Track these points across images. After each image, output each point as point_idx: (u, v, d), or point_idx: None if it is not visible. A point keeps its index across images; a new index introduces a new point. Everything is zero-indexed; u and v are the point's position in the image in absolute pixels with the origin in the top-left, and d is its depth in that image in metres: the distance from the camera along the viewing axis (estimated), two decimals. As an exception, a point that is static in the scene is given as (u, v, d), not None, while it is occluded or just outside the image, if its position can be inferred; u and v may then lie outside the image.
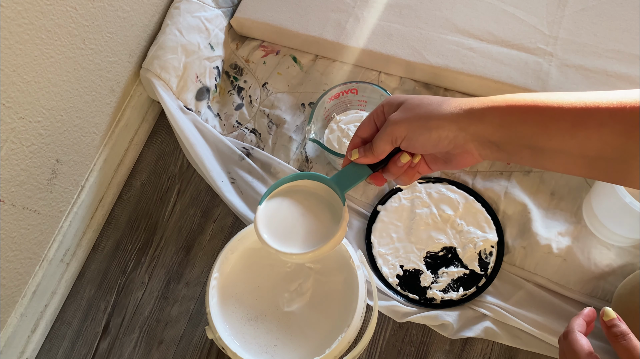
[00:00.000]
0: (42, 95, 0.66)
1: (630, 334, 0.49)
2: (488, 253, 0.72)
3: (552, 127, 0.43)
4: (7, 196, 0.64)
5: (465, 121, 0.45)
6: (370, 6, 0.84)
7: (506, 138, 0.45)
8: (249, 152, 0.81)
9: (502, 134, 0.45)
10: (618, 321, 0.50)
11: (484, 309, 0.69)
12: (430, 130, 0.46)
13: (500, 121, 0.44)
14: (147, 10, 0.81)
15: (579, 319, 0.54)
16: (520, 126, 0.44)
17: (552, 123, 0.43)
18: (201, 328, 0.75)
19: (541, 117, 0.43)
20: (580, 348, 0.50)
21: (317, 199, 0.55)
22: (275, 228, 0.54)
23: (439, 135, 0.46)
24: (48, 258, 0.75)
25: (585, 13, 0.80)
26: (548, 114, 0.43)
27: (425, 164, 0.52)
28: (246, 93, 0.86)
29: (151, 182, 0.84)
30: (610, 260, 0.70)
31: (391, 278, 0.72)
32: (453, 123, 0.46)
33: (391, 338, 0.72)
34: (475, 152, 0.47)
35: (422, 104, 0.47)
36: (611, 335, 0.50)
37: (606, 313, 0.51)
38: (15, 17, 0.58)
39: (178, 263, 0.79)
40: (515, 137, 0.44)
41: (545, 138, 0.43)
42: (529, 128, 0.43)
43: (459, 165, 0.49)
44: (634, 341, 0.48)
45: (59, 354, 0.76)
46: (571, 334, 0.52)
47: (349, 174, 0.53)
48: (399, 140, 0.48)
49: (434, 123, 0.46)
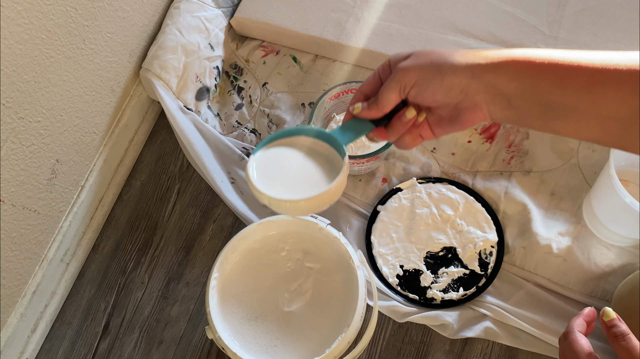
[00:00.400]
0: (42, 95, 0.66)
1: (630, 335, 0.49)
2: (488, 253, 0.72)
3: (569, 81, 0.42)
4: (7, 196, 0.64)
5: (479, 69, 0.44)
6: (370, 6, 0.84)
7: (519, 91, 0.43)
8: (249, 152, 0.81)
9: (516, 86, 0.43)
10: (618, 321, 0.50)
11: (484, 310, 0.69)
12: (442, 76, 0.44)
13: (515, 72, 0.43)
14: (147, 10, 0.81)
15: (578, 320, 0.54)
16: (535, 79, 0.43)
17: (568, 78, 0.42)
18: (201, 328, 0.75)
19: (558, 70, 0.42)
20: (580, 348, 0.50)
21: (316, 155, 0.51)
22: (270, 175, 0.49)
23: (451, 82, 0.44)
24: (48, 258, 0.75)
25: (585, 13, 0.80)
26: (565, 69, 0.42)
27: (429, 128, 0.49)
28: (246, 93, 0.86)
29: (151, 182, 0.84)
30: (610, 260, 0.70)
31: (391, 278, 0.72)
32: (467, 70, 0.44)
33: (391, 338, 0.72)
34: (484, 107, 0.45)
35: (434, 52, 0.46)
36: (611, 335, 0.50)
37: (606, 313, 0.51)
38: (15, 17, 0.58)
39: (178, 263, 0.79)
40: (529, 91, 0.43)
41: (560, 92, 0.42)
42: (545, 82, 0.42)
43: (465, 123, 0.47)
44: (633, 342, 0.48)
45: (59, 354, 0.76)
46: (571, 335, 0.52)
47: (350, 128, 0.49)
48: (408, 87, 0.46)
49: (447, 68, 0.44)
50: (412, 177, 0.77)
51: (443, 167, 0.78)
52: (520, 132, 0.78)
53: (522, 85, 0.43)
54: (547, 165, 0.76)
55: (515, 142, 0.78)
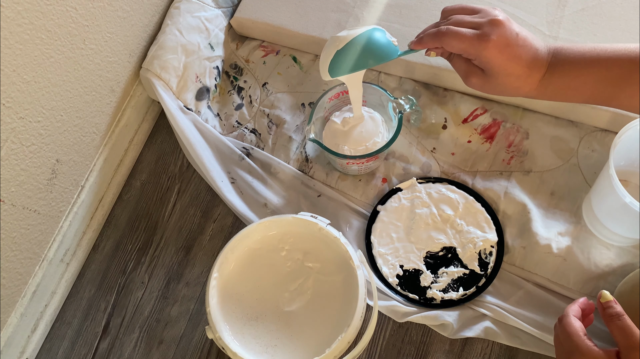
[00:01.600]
0: (42, 95, 0.66)
1: (624, 315, 0.49)
2: (488, 253, 0.72)
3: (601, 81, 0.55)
4: (7, 196, 0.64)
5: (533, 78, 0.57)
6: (370, 6, 0.84)
7: (562, 91, 0.58)
8: (249, 152, 0.81)
9: (558, 87, 0.57)
10: (614, 303, 0.51)
11: (484, 309, 0.69)
12: (501, 85, 0.58)
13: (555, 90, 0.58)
14: (147, 10, 0.81)
15: (574, 306, 0.55)
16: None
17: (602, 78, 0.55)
18: (201, 328, 0.75)
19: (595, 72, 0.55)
20: (574, 330, 0.51)
21: None
22: None
23: (509, 85, 0.59)
24: (48, 258, 0.75)
25: (585, 13, 0.80)
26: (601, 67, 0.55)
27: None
28: (246, 93, 0.86)
29: (151, 182, 0.85)
30: (610, 259, 0.70)
31: (391, 278, 0.72)
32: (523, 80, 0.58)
33: (391, 338, 0.72)
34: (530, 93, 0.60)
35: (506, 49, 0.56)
36: (607, 316, 0.50)
37: (603, 295, 0.51)
38: (15, 17, 0.58)
39: (178, 263, 0.79)
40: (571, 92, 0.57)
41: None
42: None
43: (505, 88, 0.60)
44: (628, 321, 0.49)
45: (59, 354, 0.76)
46: (565, 318, 0.52)
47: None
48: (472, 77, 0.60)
49: (504, 78, 0.57)
50: (412, 176, 0.77)
51: (443, 167, 0.78)
52: (520, 131, 0.78)
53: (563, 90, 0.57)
54: (547, 165, 0.76)
55: (515, 142, 0.78)
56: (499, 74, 0.56)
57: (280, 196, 0.78)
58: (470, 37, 0.56)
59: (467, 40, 0.56)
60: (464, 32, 0.56)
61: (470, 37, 0.56)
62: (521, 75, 0.56)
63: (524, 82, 0.57)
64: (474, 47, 0.56)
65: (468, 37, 0.56)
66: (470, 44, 0.56)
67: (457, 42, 0.56)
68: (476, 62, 0.58)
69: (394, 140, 0.71)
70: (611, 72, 0.54)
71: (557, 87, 0.57)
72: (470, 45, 0.56)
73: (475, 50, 0.56)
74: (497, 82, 0.57)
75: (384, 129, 0.76)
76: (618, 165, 0.68)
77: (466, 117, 0.79)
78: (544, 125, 0.78)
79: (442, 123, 0.80)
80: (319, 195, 0.78)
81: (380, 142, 0.75)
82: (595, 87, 0.55)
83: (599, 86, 0.55)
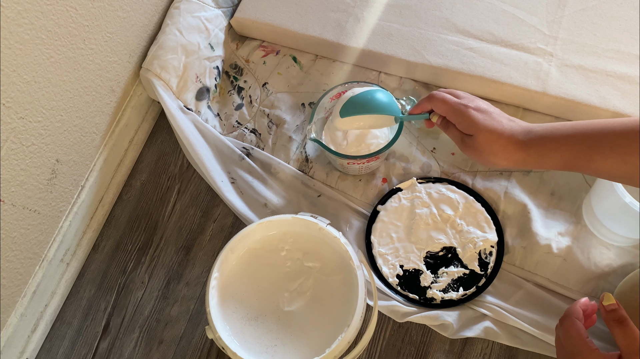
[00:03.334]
0: (42, 95, 0.66)
1: (628, 320, 0.49)
2: (488, 253, 0.72)
3: (578, 156, 0.58)
4: (7, 196, 0.64)
5: (512, 152, 0.62)
6: (370, 6, 0.84)
7: (542, 166, 0.61)
8: (249, 152, 0.81)
9: (537, 163, 0.61)
10: (617, 306, 0.50)
11: (484, 309, 0.69)
12: (489, 164, 0.64)
13: (538, 158, 0.61)
14: (147, 10, 0.81)
15: (575, 307, 0.55)
16: (549, 159, 0.60)
17: (578, 153, 0.58)
18: (201, 328, 0.75)
19: (571, 148, 0.58)
20: (576, 332, 0.51)
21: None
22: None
23: (493, 167, 0.70)
24: (48, 258, 0.75)
25: (585, 13, 0.80)
26: (577, 144, 0.58)
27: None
28: (246, 93, 0.86)
29: (151, 182, 0.85)
30: (610, 259, 0.70)
31: (391, 278, 0.72)
32: (508, 162, 0.63)
33: (391, 338, 0.72)
34: (510, 165, 0.63)
35: (490, 148, 0.63)
36: (609, 319, 0.50)
37: (606, 298, 0.51)
38: (15, 17, 0.58)
39: (178, 263, 0.79)
40: (546, 165, 0.61)
41: (574, 163, 0.59)
42: (555, 160, 0.60)
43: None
44: (631, 325, 0.49)
45: (59, 354, 0.76)
46: (566, 320, 0.52)
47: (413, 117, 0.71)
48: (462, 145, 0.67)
49: (494, 162, 0.63)
50: (412, 176, 0.77)
51: (443, 167, 0.78)
52: (520, 132, 0.78)
53: (539, 163, 0.61)
54: (547, 165, 0.76)
55: (515, 142, 0.78)
56: (479, 135, 0.63)
57: (280, 196, 0.78)
58: (454, 101, 0.65)
59: (451, 103, 0.65)
60: (449, 97, 0.66)
61: (455, 101, 0.65)
62: (500, 136, 0.62)
63: (503, 147, 0.62)
64: (455, 109, 0.65)
65: (452, 101, 0.65)
66: (453, 106, 0.65)
67: (442, 104, 0.66)
68: (459, 126, 0.65)
69: (395, 140, 0.71)
70: (582, 143, 0.58)
71: (536, 154, 0.61)
72: (453, 107, 0.65)
73: (458, 112, 0.65)
74: (478, 146, 0.63)
75: (385, 129, 0.76)
76: (618, 165, 0.68)
77: (466, 117, 0.79)
78: (544, 125, 0.78)
79: (442, 123, 0.80)
80: (319, 195, 0.78)
81: (381, 142, 0.75)
82: (570, 155, 0.59)
83: (573, 154, 0.59)
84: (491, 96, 0.79)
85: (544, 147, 0.59)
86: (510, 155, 0.61)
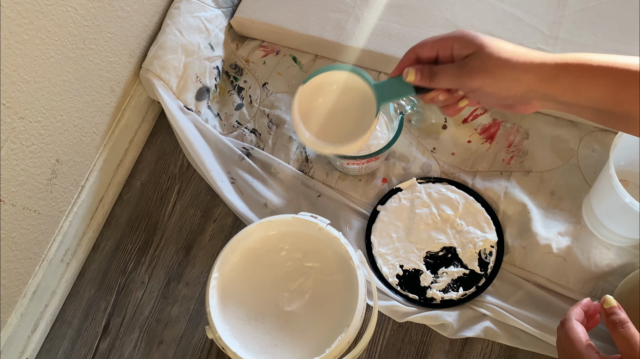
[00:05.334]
0: (42, 95, 0.66)
1: (629, 323, 0.49)
2: (488, 253, 0.72)
3: (621, 94, 0.44)
4: (7, 196, 0.64)
5: (536, 81, 0.46)
6: (370, 6, 0.84)
7: (573, 100, 0.46)
8: (249, 152, 0.81)
9: (571, 96, 0.46)
10: (618, 309, 0.50)
11: (484, 309, 0.69)
12: (501, 88, 0.48)
13: (571, 83, 0.46)
14: (147, 10, 0.81)
15: (577, 309, 0.54)
16: (590, 91, 0.45)
17: (621, 91, 0.44)
18: (201, 328, 0.75)
19: (613, 81, 0.44)
20: (576, 336, 0.51)
21: (354, 96, 0.55)
22: (308, 114, 0.56)
23: (507, 93, 0.48)
24: (48, 258, 0.75)
25: (585, 13, 0.80)
26: (619, 79, 0.44)
27: (477, 103, 0.53)
28: (246, 93, 0.86)
29: (151, 182, 0.84)
30: (610, 259, 0.70)
31: (391, 278, 0.72)
32: (524, 83, 0.47)
33: (391, 338, 0.72)
34: (537, 105, 0.49)
35: (499, 56, 0.47)
36: (610, 323, 0.50)
37: (607, 301, 0.51)
38: (15, 17, 0.58)
39: (178, 263, 0.79)
40: (582, 100, 0.46)
41: (613, 103, 0.45)
42: (599, 93, 0.45)
43: (514, 111, 0.51)
44: (632, 330, 0.48)
45: (59, 354, 0.76)
46: (568, 322, 0.52)
47: (393, 87, 0.53)
48: (469, 90, 0.49)
49: (506, 82, 0.47)
50: (412, 177, 0.77)
51: (443, 167, 0.78)
52: (520, 132, 0.78)
53: (576, 97, 0.46)
54: (546, 165, 0.76)
55: (515, 142, 0.78)
56: (487, 46, 0.48)
57: (280, 196, 0.78)
58: (442, 34, 0.51)
59: (439, 36, 0.51)
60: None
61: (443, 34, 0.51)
62: (515, 49, 0.48)
63: (523, 55, 0.47)
64: (446, 37, 0.50)
65: (440, 35, 0.51)
66: (442, 36, 0.51)
67: (428, 41, 0.52)
68: (456, 51, 0.50)
69: (395, 140, 0.71)
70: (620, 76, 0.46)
71: (568, 84, 0.47)
72: (442, 37, 0.51)
73: (450, 37, 0.50)
74: (488, 60, 0.48)
75: (385, 129, 0.76)
76: (618, 165, 0.68)
77: (466, 117, 0.79)
78: (543, 125, 0.78)
79: (442, 123, 0.80)
80: (319, 195, 0.78)
81: (381, 142, 0.75)
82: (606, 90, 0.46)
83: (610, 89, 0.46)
84: (491, 96, 0.79)
85: (582, 73, 0.45)
86: (534, 69, 0.46)
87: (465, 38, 0.49)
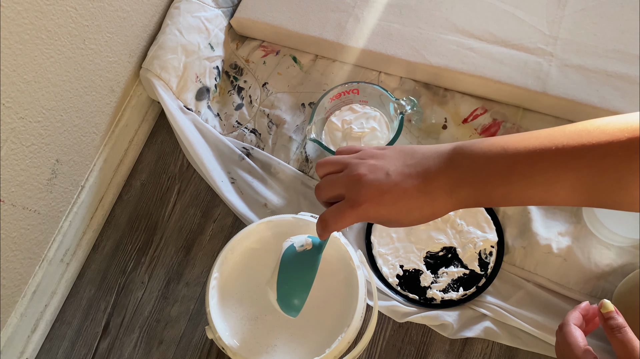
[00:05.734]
0: (42, 95, 0.66)
1: (626, 328, 0.49)
2: (488, 253, 0.72)
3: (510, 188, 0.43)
4: (7, 196, 0.64)
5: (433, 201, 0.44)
6: (370, 6, 0.84)
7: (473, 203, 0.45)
8: (249, 152, 0.81)
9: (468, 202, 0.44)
10: (615, 313, 0.50)
11: (484, 309, 0.69)
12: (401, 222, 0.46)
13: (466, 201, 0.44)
14: (147, 10, 0.81)
15: (575, 313, 0.54)
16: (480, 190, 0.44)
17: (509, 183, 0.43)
18: (201, 328, 0.75)
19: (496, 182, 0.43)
20: (574, 340, 0.50)
21: None
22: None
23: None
24: (48, 258, 0.75)
25: (585, 13, 0.80)
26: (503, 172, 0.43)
27: None
28: (246, 93, 0.86)
29: (151, 182, 0.84)
30: (610, 259, 0.70)
31: (391, 278, 0.72)
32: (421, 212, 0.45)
33: (391, 338, 0.72)
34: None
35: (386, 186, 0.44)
36: (607, 327, 0.50)
37: (604, 305, 0.51)
38: (15, 17, 0.58)
39: (178, 263, 0.79)
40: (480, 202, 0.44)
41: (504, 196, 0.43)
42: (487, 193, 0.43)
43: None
44: (629, 334, 0.48)
45: (59, 354, 0.76)
46: (566, 327, 0.52)
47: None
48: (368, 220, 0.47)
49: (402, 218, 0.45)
50: (412, 176, 0.77)
51: (443, 167, 0.78)
52: (520, 132, 0.78)
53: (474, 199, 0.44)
54: (547, 165, 0.76)
55: (515, 142, 0.78)
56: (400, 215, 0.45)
57: (280, 196, 0.78)
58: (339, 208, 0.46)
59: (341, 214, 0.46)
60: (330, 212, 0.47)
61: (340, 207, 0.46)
62: (424, 200, 0.45)
63: (431, 205, 0.45)
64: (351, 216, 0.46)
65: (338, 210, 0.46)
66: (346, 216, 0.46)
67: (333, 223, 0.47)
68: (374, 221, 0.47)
69: (395, 140, 0.71)
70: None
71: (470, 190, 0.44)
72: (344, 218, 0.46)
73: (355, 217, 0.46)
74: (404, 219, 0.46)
75: (385, 129, 0.76)
76: (618, 165, 0.68)
77: (466, 117, 0.79)
78: (543, 125, 0.78)
79: (443, 123, 0.80)
80: (319, 195, 0.78)
81: (381, 142, 0.75)
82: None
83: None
84: (491, 96, 0.79)
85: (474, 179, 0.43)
86: (438, 201, 0.44)
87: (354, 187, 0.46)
